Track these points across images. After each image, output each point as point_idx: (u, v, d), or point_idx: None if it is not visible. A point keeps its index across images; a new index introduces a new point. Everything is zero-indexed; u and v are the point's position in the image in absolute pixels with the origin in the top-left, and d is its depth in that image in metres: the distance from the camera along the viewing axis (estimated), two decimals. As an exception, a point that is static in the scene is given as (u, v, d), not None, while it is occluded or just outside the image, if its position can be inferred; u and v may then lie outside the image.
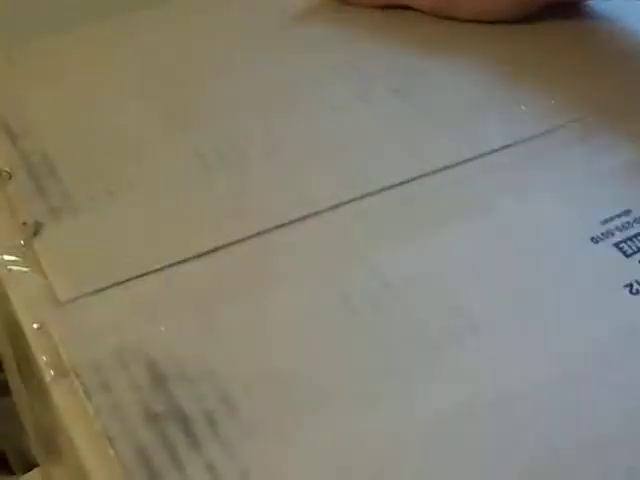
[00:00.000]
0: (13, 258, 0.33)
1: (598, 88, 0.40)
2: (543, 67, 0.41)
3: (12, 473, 0.51)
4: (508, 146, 0.37)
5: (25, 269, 0.33)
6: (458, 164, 0.36)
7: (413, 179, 0.35)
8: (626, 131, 0.37)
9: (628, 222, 0.33)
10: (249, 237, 0.33)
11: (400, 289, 0.31)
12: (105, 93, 0.40)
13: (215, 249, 0.33)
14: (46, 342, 0.30)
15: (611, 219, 0.33)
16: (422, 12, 0.45)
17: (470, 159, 0.36)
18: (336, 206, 0.35)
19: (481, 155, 0.36)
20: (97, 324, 0.31)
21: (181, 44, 0.43)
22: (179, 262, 0.33)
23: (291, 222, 0.34)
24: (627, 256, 0.32)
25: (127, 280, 0.32)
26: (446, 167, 0.36)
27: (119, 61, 0.42)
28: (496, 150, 0.37)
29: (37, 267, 0.33)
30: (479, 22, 0.44)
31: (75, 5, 0.49)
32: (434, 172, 0.36)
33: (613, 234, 0.33)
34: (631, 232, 0.33)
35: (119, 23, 0.45)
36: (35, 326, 0.31)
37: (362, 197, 0.35)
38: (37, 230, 0.34)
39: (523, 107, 0.39)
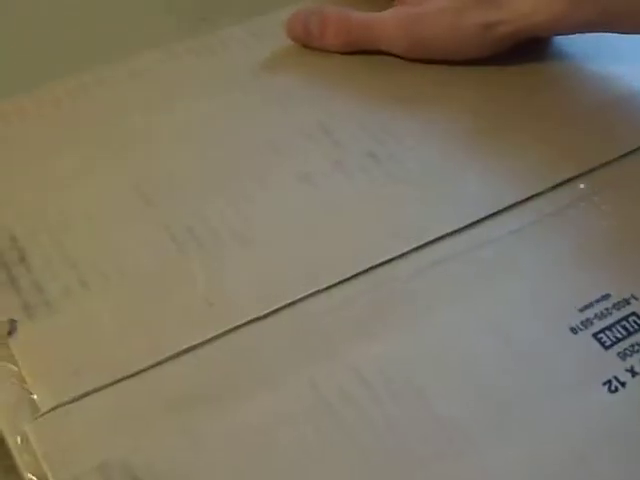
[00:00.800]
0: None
1: (571, 145, 0.39)
2: (518, 120, 0.40)
3: None
4: (486, 219, 0.36)
5: (3, 372, 0.33)
6: (431, 243, 0.35)
7: (389, 261, 0.35)
8: (602, 201, 0.37)
9: (607, 308, 0.32)
10: (225, 333, 0.33)
11: (378, 390, 0.31)
12: (69, 168, 0.39)
13: (192, 348, 0.33)
14: (30, 458, 0.30)
15: (590, 305, 0.33)
16: (388, 54, 0.44)
17: (443, 237, 0.36)
18: (309, 296, 0.34)
19: (459, 231, 0.36)
20: (78, 437, 0.31)
21: (148, 104, 0.42)
22: (156, 364, 0.32)
23: (264, 316, 0.33)
24: (606, 348, 0.31)
25: (106, 385, 0.32)
26: (415, 248, 0.35)
27: (84, 134, 0.41)
28: (472, 225, 0.36)
29: (15, 370, 0.33)
30: (451, 63, 0.43)
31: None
32: (408, 253, 0.35)
33: (592, 323, 0.32)
34: (610, 320, 0.32)
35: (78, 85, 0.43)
36: (18, 440, 0.31)
37: (338, 284, 0.34)
38: (12, 329, 0.34)
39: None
